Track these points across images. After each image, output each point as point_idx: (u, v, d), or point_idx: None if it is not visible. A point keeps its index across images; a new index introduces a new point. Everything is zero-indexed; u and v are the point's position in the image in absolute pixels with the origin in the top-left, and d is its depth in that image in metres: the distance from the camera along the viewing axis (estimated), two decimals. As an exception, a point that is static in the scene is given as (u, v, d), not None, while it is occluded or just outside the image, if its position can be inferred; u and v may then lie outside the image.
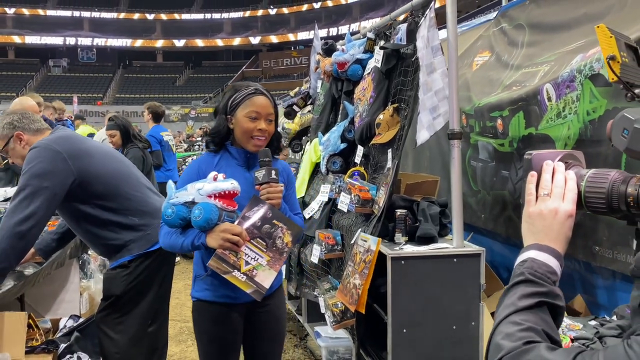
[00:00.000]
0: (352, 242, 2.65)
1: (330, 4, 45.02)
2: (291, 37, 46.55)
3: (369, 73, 2.90)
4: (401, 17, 2.84)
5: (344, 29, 39.19)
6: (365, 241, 2.50)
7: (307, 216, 3.51)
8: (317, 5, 45.50)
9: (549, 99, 3.00)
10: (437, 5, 2.48)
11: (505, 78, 3.66)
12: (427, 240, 2.46)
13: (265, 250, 1.87)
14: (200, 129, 18.23)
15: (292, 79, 37.06)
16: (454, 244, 2.41)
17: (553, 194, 0.94)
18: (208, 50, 49.81)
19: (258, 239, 1.86)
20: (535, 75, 3.30)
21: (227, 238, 1.78)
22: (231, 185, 1.81)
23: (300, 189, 3.71)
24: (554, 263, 0.91)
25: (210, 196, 1.80)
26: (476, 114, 3.77)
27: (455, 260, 2.36)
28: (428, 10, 2.37)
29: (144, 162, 4.76)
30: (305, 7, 46.05)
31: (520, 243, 0.91)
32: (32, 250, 2.49)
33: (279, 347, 2.21)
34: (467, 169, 3.78)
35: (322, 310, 2.98)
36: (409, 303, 2.34)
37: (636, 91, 1.44)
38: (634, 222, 0.93)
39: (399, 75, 2.65)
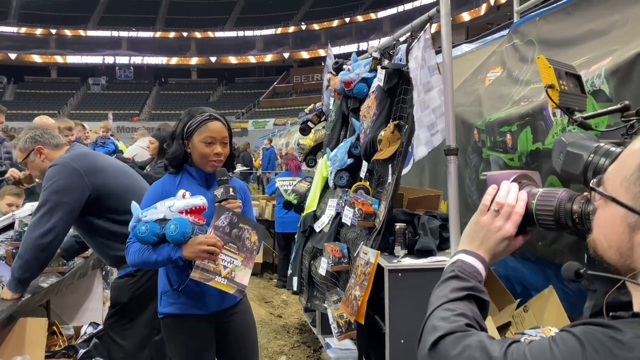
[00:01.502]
0: (355, 254, 2.74)
1: (360, 19, 45.38)
2: (322, 52, 46.99)
3: (373, 91, 3.01)
4: (403, 38, 2.94)
5: (374, 44, 39.35)
6: (366, 254, 2.58)
7: (317, 229, 3.61)
8: (347, 20, 45.93)
9: (554, 114, 3.04)
10: (434, 30, 2.57)
11: (515, 93, 3.71)
12: (426, 253, 2.53)
13: (237, 252, 2.04)
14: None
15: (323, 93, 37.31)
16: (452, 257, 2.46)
17: (502, 212, 1.01)
18: (241, 67, 50.79)
19: (230, 244, 2.01)
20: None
21: (204, 249, 1.90)
22: (200, 200, 1.97)
23: (311, 203, 3.82)
24: (479, 266, 1.01)
25: (181, 212, 1.93)
26: (487, 129, 3.81)
27: (451, 273, 2.41)
28: (422, 32, 2.47)
29: None
30: (335, 22, 46.53)
31: (534, 258, 0.98)
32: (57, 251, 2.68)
33: (254, 352, 2.27)
34: (480, 183, 3.82)
35: (330, 321, 3.07)
36: (407, 314, 2.41)
37: (577, 116, 1.52)
38: (583, 236, 1.00)
39: (400, 93, 2.75)
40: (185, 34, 49.76)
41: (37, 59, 46.79)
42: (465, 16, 34.46)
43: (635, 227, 0.79)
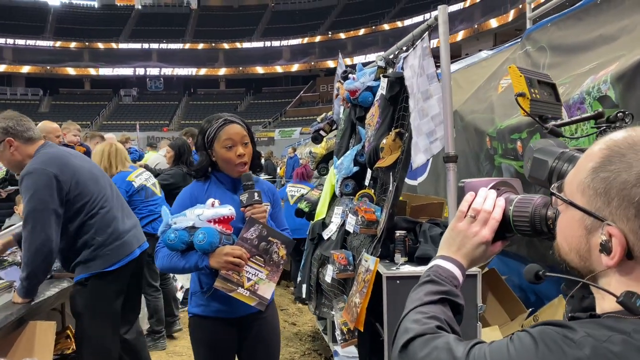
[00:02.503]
0: (358, 262, 2.75)
1: (386, 27, 45.37)
2: (348, 61, 47.19)
3: (377, 100, 3.03)
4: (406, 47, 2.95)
5: (402, 54, 39.16)
6: (367, 261, 2.59)
7: (325, 237, 3.63)
8: (373, 29, 45.97)
9: (562, 121, 3.00)
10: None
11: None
12: (426, 260, 2.51)
13: (263, 265, 2.06)
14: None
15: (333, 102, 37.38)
16: (452, 264, 2.45)
17: (478, 218, 1.03)
18: (268, 76, 51.33)
19: (257, 256, 2.04)
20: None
21: (230, 261, 1.96)
22: (229, 210, 2.00)
23: (321, 211, 3.85)
24: (457, 272, 1.03)
25: (209, 221, 1.98)
26: (498, 136, 3.79)
27: (451, 280, 2.40)
28: (420, 41, 2.48)
29: (185, 179, 5.07)
30: (362, 31, 46.63)
31: (544, 266, 1.00)
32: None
33: (275, 357, 2.31)
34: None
35: (336, 328, 3.08)
36: (406, 322, 2.40)
37: (551, 123, 1.53)
38: None
39: (402, 101, 2.76)
40: (213, 45, 50.62)
41: (71, 71, 48.29)
42: (493, 22, 34.09)
43: (591, 229, 0.80)
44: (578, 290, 0.88)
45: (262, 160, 2.35)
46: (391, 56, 3.22)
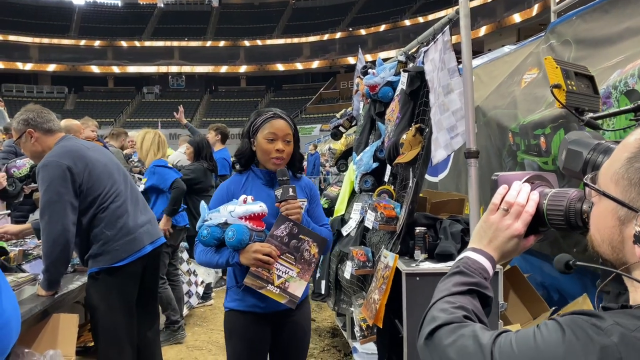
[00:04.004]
0: (377, 258, 2.73)
1: (407, 23, 45.02)
2: (369, 57, 46.89)
3: (397, 95, 3.00)
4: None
5: (422, 48, 38.87)
6: (386, 257, 2.57)
7: (344, 233, 3.62)
8: (394, 25, 45.66)
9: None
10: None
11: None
12: (446, 257, 2.49)
13: (294, 263, 2.06)
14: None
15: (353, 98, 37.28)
16: (473, 261, 2.42)
17: (511, 211, 1.02)
18: (288, 73, 51.40)
19: (287, 254, 2.05)
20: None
21: (259, 258, 1.98)
22: (259, 208, 2.01)
23: (340, 207, 3.84)
24: (487, 264, 1.02)
25: (241, 218, 2.00)
26: (521, 132, 3.72)
27: (471, 278, 2.37)
28: (441, 34, 2.44)
29: (206, 175, 5.12)
30: (382, 27, 46.36)
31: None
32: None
33: (303, 356, 2.32)
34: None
35: (355, 324, 3.07)
36: (425, 319, 2.38)
37: (587, 116, 1.49)
38: None
39: (422, 96, 2.73)
40: (234, 42, 50.87)
41: (95, 69, 49.04)
42: (516, 17, 33.54)
43: (624, 220, 0.79)
44: (614, 286, 0.86)
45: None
46: (411, 51, 3.19)
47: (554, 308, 3.51)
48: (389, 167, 3.05)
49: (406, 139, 2.70)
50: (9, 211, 3.72)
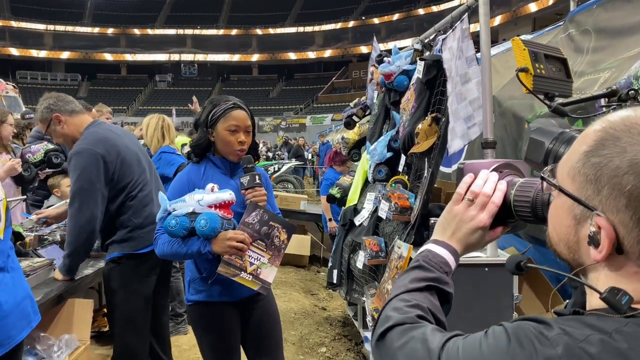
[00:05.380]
0: (390, 248, 2.72)
1: (421, 12, 44.57)
2: (382, 46, 46.49)
3: (413, 84, 2.96)
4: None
5: (440, 36, 38.48)
6: (399, 248, 2.56)
7: (357, 223, 3.61)
8: (408, 13, 45.23)
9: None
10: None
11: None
12: (461, 248, 2.46)
13: (265, 249, 2.06)
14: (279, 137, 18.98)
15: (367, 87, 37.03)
16: (487, 253, 2.40)
17: (477, 202, 0.97)
18: (300, 62, 51.22)
19: (258, 241, 2.04)
20: (595, 83, 3.17)
21: (233, 245, 1.95)
22: (229, 195, 1.99)
23: (352, 197, 3.82)
24: (449, 257, 0.96)
25: (211, 206, 1.96)
26: (538, 123, 3.67)
27: (486, 269, 2.35)
28: (459, 22, 2.40)
29: None
30: (396, 16, 45.95)
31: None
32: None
33: (278, 342, 2.30)
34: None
35: (367, 314, 3.06)
36: (439, 310, 2.36)
37: (560, 101, 1.43)
38: None
39: (439, 85, 2.69)
40: (247, 31, 50.74)
41: (108, 57, 49.26)
42: (532, 7, 33.04)
43: (580, 219, 0.74)
44: (580, 283, 0.81)
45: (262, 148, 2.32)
46: (428, 39, 3.15)
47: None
48: (403, 157, 3.02)
49: (422, 129, 2.67)
50: (25, 196, 3.74)
